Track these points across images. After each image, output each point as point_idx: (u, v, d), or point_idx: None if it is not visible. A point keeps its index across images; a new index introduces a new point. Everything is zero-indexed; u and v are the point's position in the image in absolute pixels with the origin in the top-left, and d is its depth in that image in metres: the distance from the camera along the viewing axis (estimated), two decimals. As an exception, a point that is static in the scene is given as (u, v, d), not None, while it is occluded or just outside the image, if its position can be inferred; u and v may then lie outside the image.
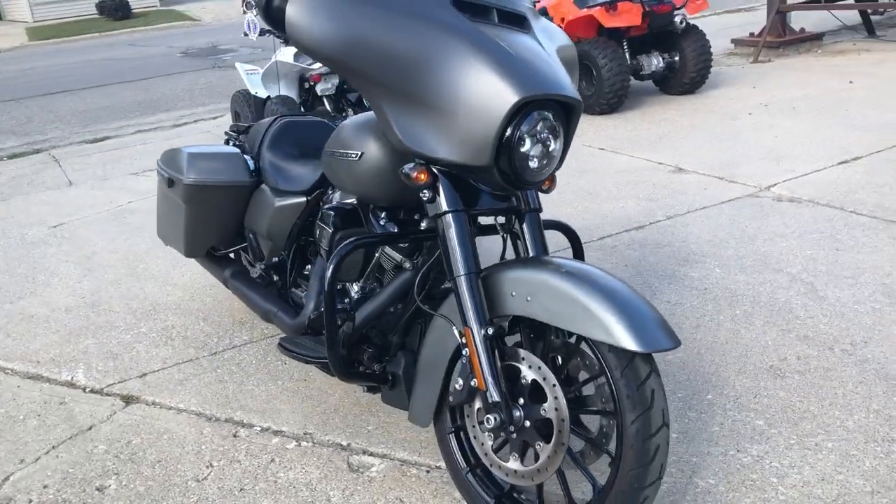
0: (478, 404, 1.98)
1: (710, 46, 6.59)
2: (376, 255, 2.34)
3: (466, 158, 1.84)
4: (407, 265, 2.25)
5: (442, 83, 1.81)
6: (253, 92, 6.24)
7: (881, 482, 2.09)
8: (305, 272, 2.80)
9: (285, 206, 2.72)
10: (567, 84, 1.89)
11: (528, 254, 2.06)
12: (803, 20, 8.97)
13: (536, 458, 1.88)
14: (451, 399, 2.02)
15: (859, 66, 7.28)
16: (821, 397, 2.47)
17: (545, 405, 1.84)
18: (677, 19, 6.34)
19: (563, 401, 1.81)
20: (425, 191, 1.94)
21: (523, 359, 1.88)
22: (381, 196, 2.19)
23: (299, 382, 2.88)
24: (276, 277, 2.87)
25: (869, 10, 8.55)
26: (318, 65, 5.68)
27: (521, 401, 1.88)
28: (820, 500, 2.04)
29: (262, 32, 2.02)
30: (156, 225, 3.41)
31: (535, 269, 1.86)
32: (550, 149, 1.90)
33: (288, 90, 5.91)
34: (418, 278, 2.14)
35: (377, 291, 2.31)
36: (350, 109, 5.86)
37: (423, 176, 1.90)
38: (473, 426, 2.01)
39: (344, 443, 2.50)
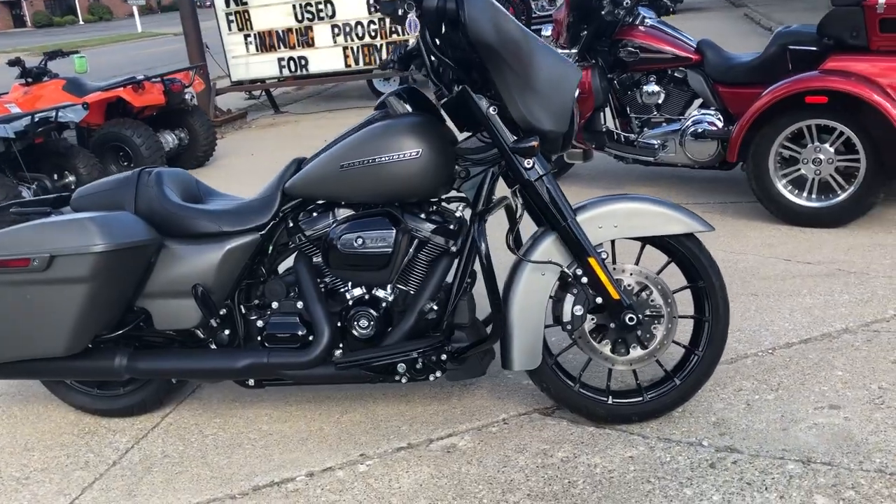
0: (588, 324, 2.46)
1: (212, 122, 7.09)
2: (410, 251, 2.50)
3: (557, 126, 2.36)
4: (454, 248, 2.51)
5: (543, 72, 2.31)
6: None
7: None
8: (252, 317, 2.64)
9: (236, 247, 2.55)
10: None
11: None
12: (224, 102, 10.01)
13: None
14: (569, 327, 2.45)
15: (310, 130, 8.61)
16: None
17: (652, 296, 2.47)
18: (188, 97, 6.69)
19: (665, 286, 2.48)
20: (531, 159, 2.36)
21: (623, 270, 2.47)
22: (432, 188, 2.44)
23: (269, 434, 2.67)
24: (227, 331, 2.61)
25: (273, 90, 10.07)
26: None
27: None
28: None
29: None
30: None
31: (606, 204, 2.47)
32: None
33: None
34: (513, 238, 2.47)
35: (427, 282, 2.50)
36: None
37: (537, 144, 2.33)
38: (587, 343, 2.48)
39: (403, 444, 2.55)
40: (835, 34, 4.17)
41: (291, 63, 9.09)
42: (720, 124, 4.62)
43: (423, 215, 2.50)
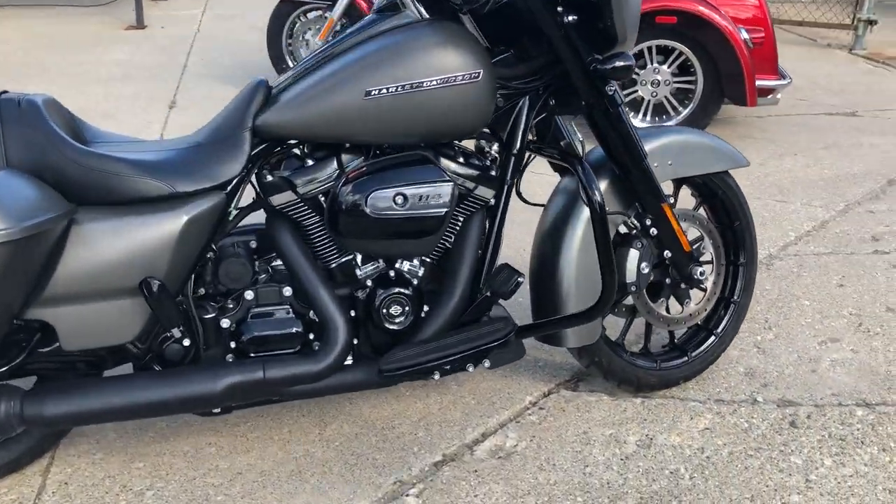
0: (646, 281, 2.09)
1: None
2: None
3: (631, 46, 1.91)
4: (493, 202, 1.93)
5: None
6: None
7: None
8: (207, 315, 1.80)
9: (199, 215, 1.70)
10: None
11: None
12: None
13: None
14: (633, 288, 2.05)
15: (41, 27, 6.66)
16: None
17: (703, 242, 2.16)
18: None
19: (715, 231, 2.19)
20: (613, 85, 1.87)
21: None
22: (482, 120, 1.84)
23: (238, 473, 1.91)
24: (187, 341, 1.74)
25: None
26: None
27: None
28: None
29: None
30: None
31: (655, 138, 2.08)
32: None
33: None
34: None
35: (464, 248, 1.90)
36: None
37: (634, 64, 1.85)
38: (645, 304, 2.10)
39: (438, 457, 1.97)
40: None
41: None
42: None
43: (461, 159, 1.88)
